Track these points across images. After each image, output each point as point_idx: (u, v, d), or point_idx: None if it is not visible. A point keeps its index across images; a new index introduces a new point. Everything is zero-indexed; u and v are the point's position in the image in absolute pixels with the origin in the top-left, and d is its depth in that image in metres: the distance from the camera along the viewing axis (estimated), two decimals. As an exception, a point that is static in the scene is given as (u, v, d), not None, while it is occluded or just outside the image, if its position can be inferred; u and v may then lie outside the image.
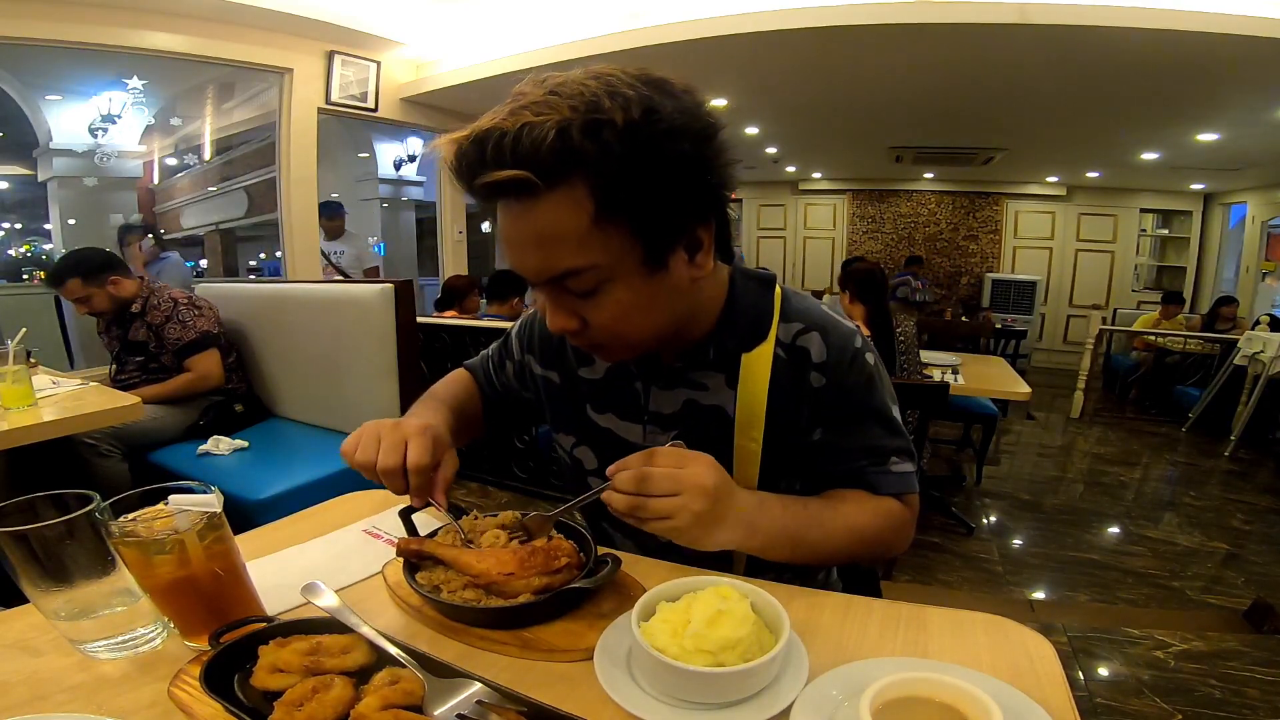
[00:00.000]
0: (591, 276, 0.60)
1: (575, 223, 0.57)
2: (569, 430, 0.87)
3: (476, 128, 0.55)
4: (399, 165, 7.07)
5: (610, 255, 0.59)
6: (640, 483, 0.59)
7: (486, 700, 0.47)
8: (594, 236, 0.57)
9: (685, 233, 0.63)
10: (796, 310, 0.76)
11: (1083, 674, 1.82)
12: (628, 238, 0.59)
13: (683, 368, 0.76)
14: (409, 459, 0.64)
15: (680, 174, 0.58)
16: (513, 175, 0.54)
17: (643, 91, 0.56)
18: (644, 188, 0.57)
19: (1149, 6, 2.70)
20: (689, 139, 0.58)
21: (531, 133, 0.53)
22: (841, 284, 2.83)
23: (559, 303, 0.64)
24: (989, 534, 2.86)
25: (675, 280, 0.64)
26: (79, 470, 2.01)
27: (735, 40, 3.20)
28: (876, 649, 0.56)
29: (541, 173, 0.54)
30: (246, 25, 3.65)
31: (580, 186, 0.55)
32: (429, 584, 0.62)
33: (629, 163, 0.55)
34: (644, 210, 0.58)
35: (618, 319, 0.63)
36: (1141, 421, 5.22)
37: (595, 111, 0.54)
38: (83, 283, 2.20)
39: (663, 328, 0.68)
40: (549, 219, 0.57)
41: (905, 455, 0.77)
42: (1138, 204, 7.37)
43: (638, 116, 0.54)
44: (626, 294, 0.62)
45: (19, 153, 5.14)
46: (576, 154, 0.54)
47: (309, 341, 2.30)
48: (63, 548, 0.53)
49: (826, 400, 0.74)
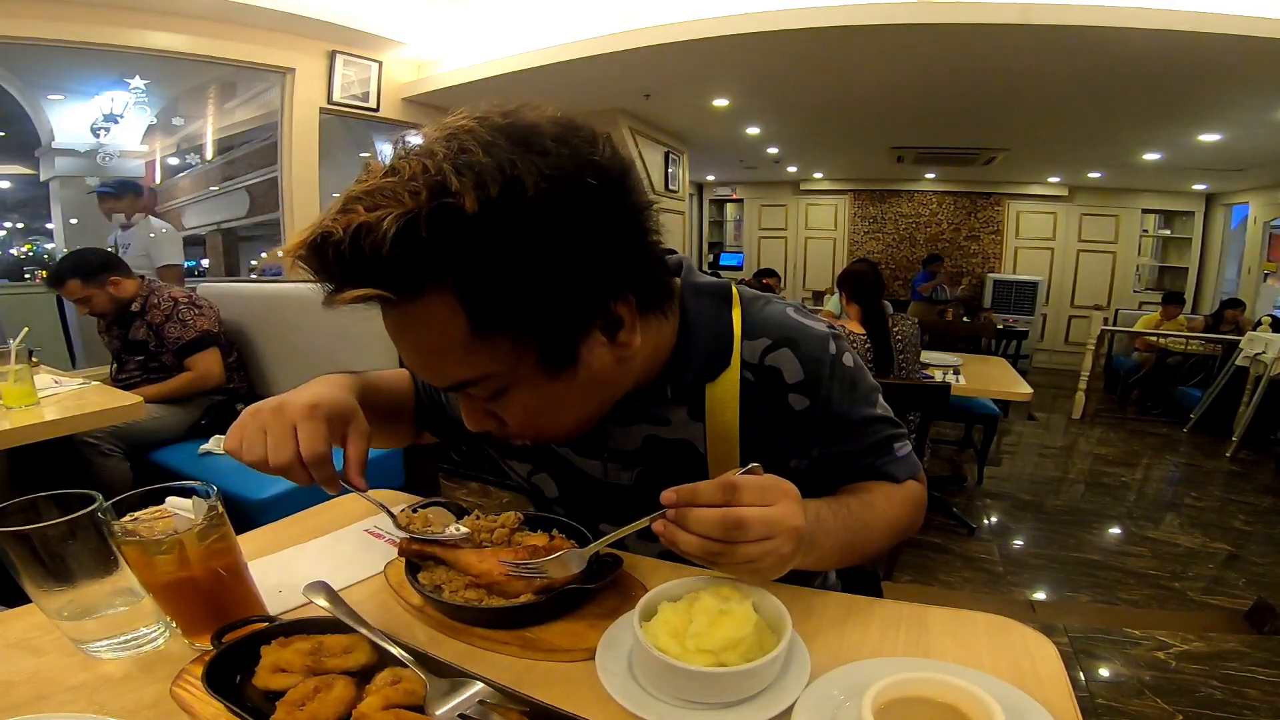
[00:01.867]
0: (491, 384, 0.53)
1: (452, 333, 0.48)
2: (523, 458, 0.79)
3: (311, 230, 0.46)
4: (400, 165, 7.07)
5: (502, 364, 0.51)
6: (733, 528, 0.49)
7: (488, 700, 0.47)
8: (477, 346, 0.49)
9: (595, 318, 0.53)
10: (760, 323, 0.68)
11: (1084, 674, 1.82)
12: (518, 344, 0.50)
13: (641, 406, 0.68)
14: (302, 449, 0.58)
15: (563, 258, 0.48)
16: (357, 296, 0.45)
17: (502, 155, 0.45)
18: (519, 283, 0.47)
19: (1150, 7, 2.70)
20: (566, 211, 0.47)
21: (369, 236, 0.43)
22: (838, 284, 2.87)
23: (470, 406, 0.58)
24: (990, 534, 2.86)
25: (594, 370, 0.55)
26: (80, 470, 2.01)
27: (735, 40, 3.20)
28: (878, 649, 0.56)
29: (390, 284, 0.45)
30: (248, 25, 3.65)
31: (445, 292, 0.46)
32: (431, 584, 0.62)
33: (493, 256, 0.45)
34: (526, 311, 0.49)
35: (532, 420, 0.57)
36: (1143, 422, 5.22)
37: (442, 195, 0.43)
38: (82, 283, 2.21)
39: (594, 413, 0.61)
40: (420, 331, 0.49)
41: (902, 437, 0.75)
42: (1139, 204, 7.37)
43: (496, 194, 0.44)
44: (534, 397, 0.54)
45: (21, 152, 5.15)
46: (427, 255, 0.44)
47: (310, 341, 2.31)
48: (65, 547, 0.53)
49: (816, 420, 0.68)
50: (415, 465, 2.32)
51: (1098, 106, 4.05)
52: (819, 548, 0.59)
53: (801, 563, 0.56)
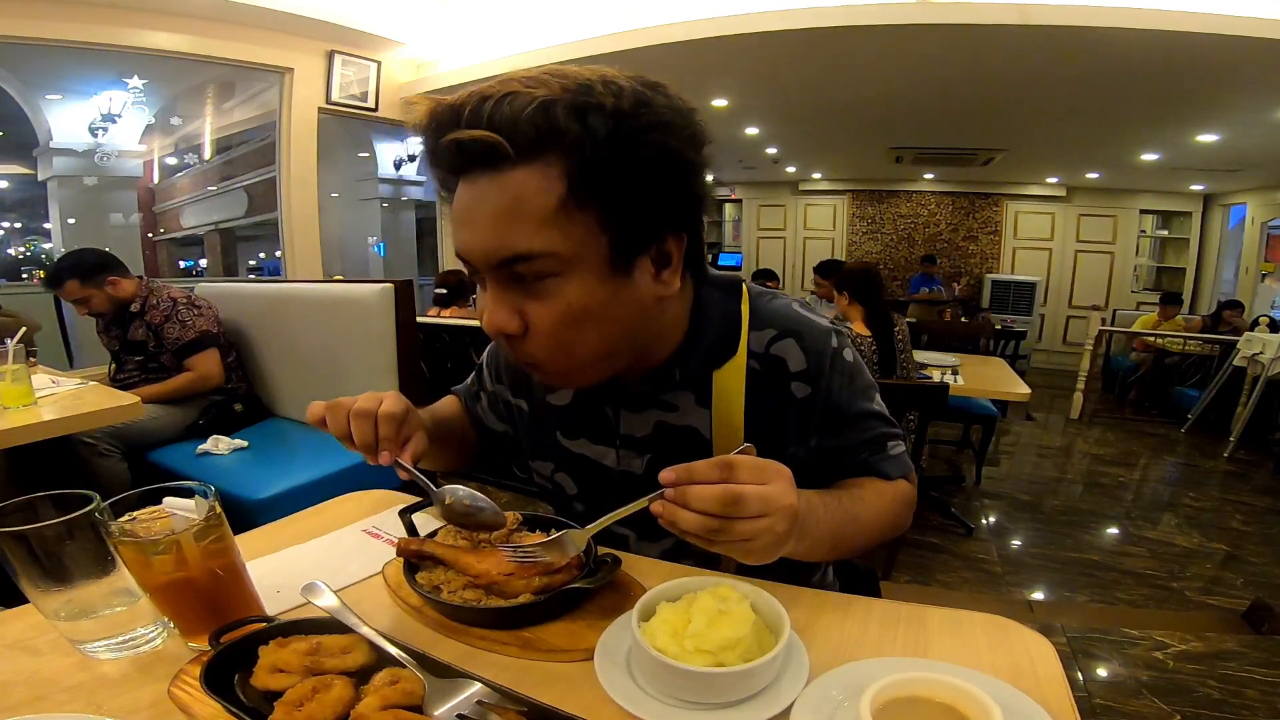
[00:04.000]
0: (546, 264, 0.55)
1: (540, 201, 0.53)
2: (546, 457, 0.84)
3: (462, 92, 0.54)
4: (399, 165, 7.08)
5: (571, 245, 0.54)
6: (730, 503, 0.50)
7: (487, 700, 0.47)
8: (558, 220, 0.53)
9: (656, 239, 0.59)
10: (767, 315, 0.72)
11: (1082, 674, 1.82)
12: (594, 229, 0.55)
13: (650, 390, 0.72)
14: (382, 406, 0.63)
15: (661, 171, 0.55)
16: (483, 136, 0.51)
17: (637, 87, 0.54)
18: (621, 178, 0.54)
19: (1149, 7, 2.71)
20: (677, 137, 0.55)
21: (514, 101, 0.51)
22: (837, 285, 2.79)
23: (502, 297, 0.58)
24: (988, 534, 2.86)
25: (636, 293, 0.59)
26: (78, 470, 2.01)
27: (735, 40, 3.20)
28: (877, 649, 0.56)
29: (515, 142, 0.51)
30: (247, 25, 3.65)
31: (554, 165, 0.52)
32: (429, 584, 0.62)
33: (611, 149, 0.52)
34: (617, 201, 0.54)
35: (564, 323, 0.57)
36: (1141, 422, 5.22)
37: (586, 94, 0.52)
38: (81, 284, 2.20)
39: (613, 347, 0.62)
40: (512, 193, 0.53)
41: (897, 437, 0.77)
42: (1137, 205, 7.37)
43: (627, 106, 0.53)
44: (579, 293, 0.56)
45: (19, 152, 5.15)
46: (557, 130, 0.51)
47: (309, 341, 2.30)
48: (62, 548, 0.53)
49: (816, 408, 0.71)
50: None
51: (1096, 107, 4.05)
52: (810, 534, 0.59)
53: (794, 549, 0.57)
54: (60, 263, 2.26)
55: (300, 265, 4.17)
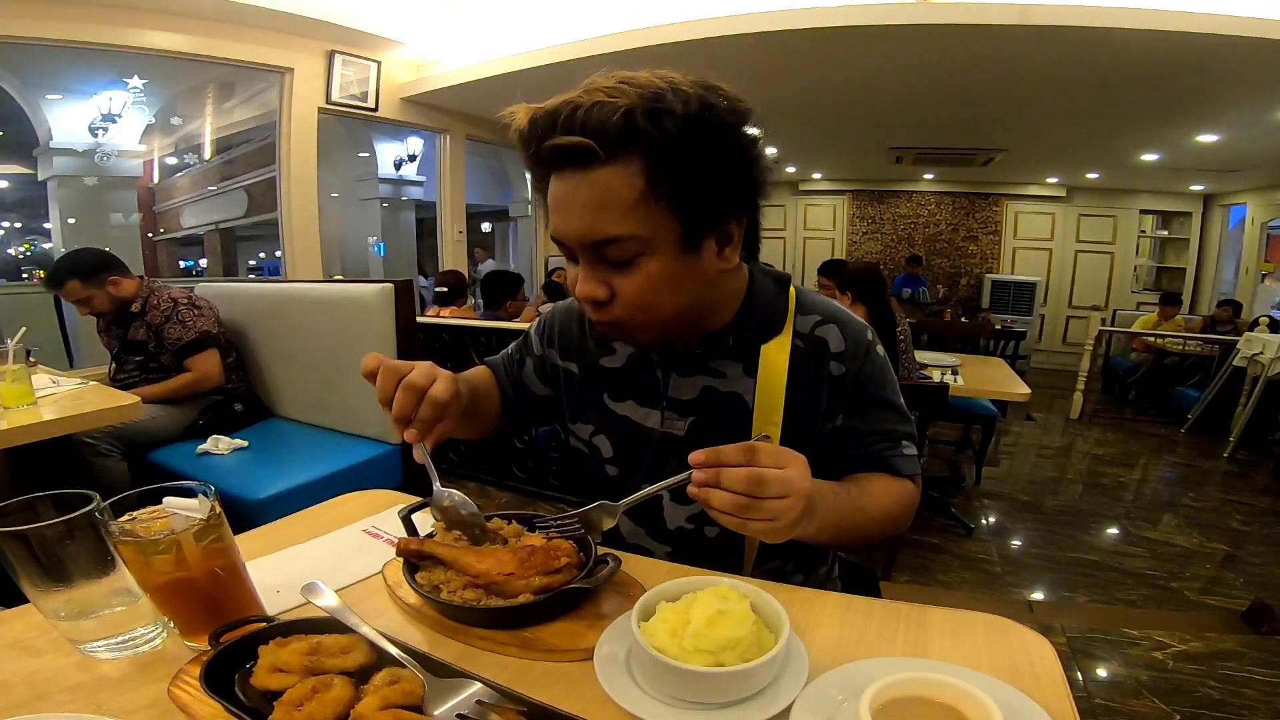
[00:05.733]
0: (631, 246, 0.65)
1: (626, 194, 0.62)
2: (588, 419, 0.90)
3: (552, 101, 0.63)
4: (399, 165, 7.08)
5: (651, 229, 0.64)
6: (755, 484, 0.57)
7: (486, 700, 0.47)
8: (640, 209, 0.63)
9: (720, 222, 0.68)
10: (812, 304, 0.82)
11: (1081, 675, 1.82)
12: (669, 216, 0.64)
13: (702, 355, 0.80)
14: (433, 388, 0.66)
15: (724, 164, 0.65)
16: (579, 142, 0.60)
17: (701, 91, 0.63)
18: (691, 172, 0.63)
19: (1149, 8, 2.71)
20: (736, 134, 0.65)
21: (601, 109, 0.60)
22: (840, 286, 2.78)
23: (592, 271, 0.68)
24: (988, 535, 2.86)
25: (703, 266, 0.69)
26: (78, 470, 2.01)
27: (735, 40, 3.20)
28: (876, 649, 0.56)
29: (604, 144, 0.60)
30: (247, 25, 3.65)
31: (635, 163, 0.62)
32: (429, 584, 0.62)
33: (681, 147, 0.61)
34: (688, 192, 0.64)
35: (645, 292, 0.67)
36: (1140, 423, 5.22)
37: (659, 101, 0.61)
38: (82, 284, 2.20)
39: (682, 309, 0.71)
40: (603, 187, 0.62)
41: (912, 439, 0.83)
42: (1137, 205, 7.37)
43: (695, 110, 0.61)
44: (658, 268, 0.66)
45: (19, 152, 5.14)
46: (637, 133, 0.60)
47: (309, 341, 2.30)
48: (62, 547, 0.53)
49: (847, 387, 0.79)
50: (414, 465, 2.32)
51: (1096, 107, 4.05)
52: (819, 518, 0.66)
53: (804, 530, 0.63)
54: (61, 262, 2.26)
55: (300, 265, 4.17)
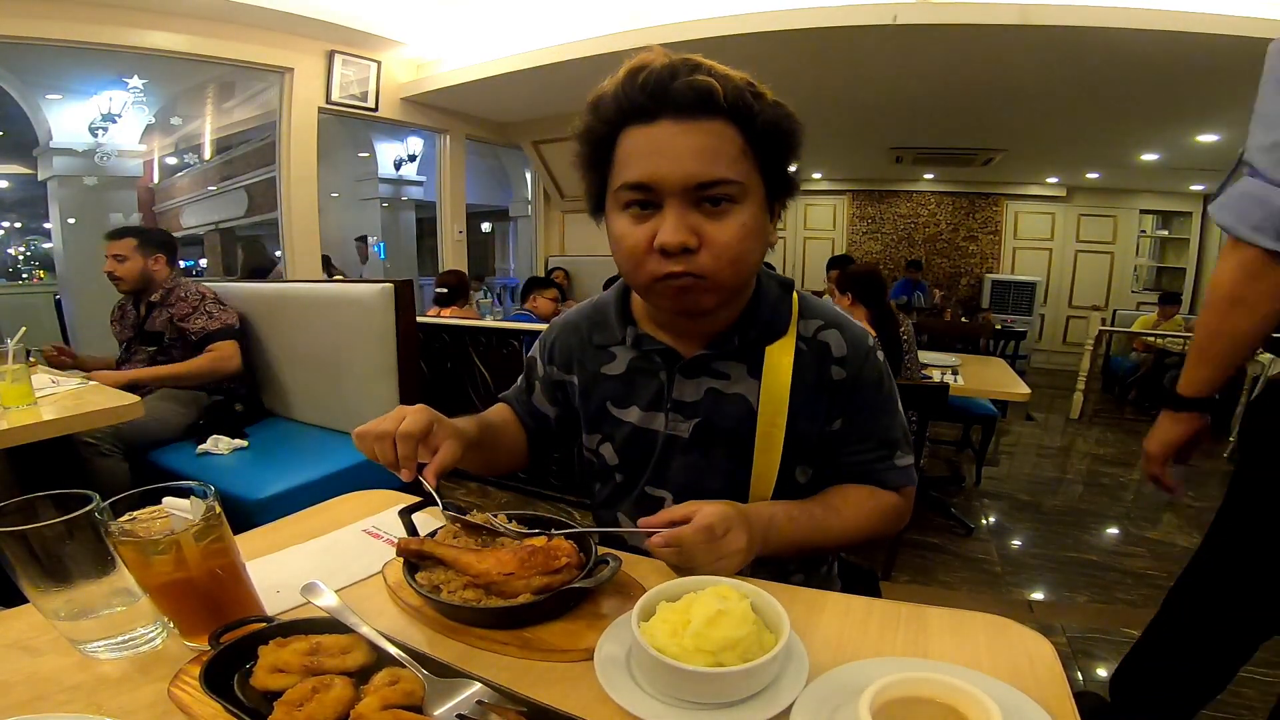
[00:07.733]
0: (735, 189, 0.70)
1: (731, 146, 0.69)
2: (592, 430, 0.91)
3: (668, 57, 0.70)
4: (399, 165, 7.08)
5: (749, 180, 0.71)
6: (685, 558, 0.66)
7: (486, 700, 0.47)
8: (742, 161, 0.70)
9: (777, 200, 0.76)
10: (815, 309, 0.85)
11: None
12: (758, 176, 0.72)
13: (705, 357, 0.82)
14: (401, 425, 0.68)
15: (786, 149, 0.74)
16: (710, 83, 0.67)
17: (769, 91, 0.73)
18: (771, 146, 0.72)
19: (1149, 7, 2.71)
20: (796, 134, 0.74)
21: (714, 73, 0.68)
22: (840, 287, 2.77)
23: (683, 219, 0.70)
24: (988, 535, 2.86)
25: (767, 233, 0.75)
26: (78, 470, 2.01)
27: (735, 40, 3.20)
28: (876, 649, 0.56)
29: (722, 98, 0.67)
30: (247, 25, 3.65)
31: (734, 125, 0.69)
32: (429, 584, 0.62)
33: (765, 125, 0.70)
34: (768, 161, 0.72)
35: (736, 240, 0.71)
36: (1141, 422, 5.22)
37: (750, 86, 0.71)
38: (137, 245, 2.31)
39: (748, 272, 0.76)
40: (714, 136, 0.69)
41: (908, 447, 0.85)
42: (1137, 205, 7.37)
43: (771, 99, 0.72)
44: (749, 217, 0.71)
45: (19, 152, 5.15)
46: (743, 101, 0.69)
47: (309, 341, 2.31)
48: (62, 547, 0.53)
49: (847, 391, 0.81)
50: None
51: (1096, 107, 4.05)
52: (772, 546, 0.73)
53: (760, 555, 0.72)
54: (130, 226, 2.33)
55: (300, 265, 4.17)
